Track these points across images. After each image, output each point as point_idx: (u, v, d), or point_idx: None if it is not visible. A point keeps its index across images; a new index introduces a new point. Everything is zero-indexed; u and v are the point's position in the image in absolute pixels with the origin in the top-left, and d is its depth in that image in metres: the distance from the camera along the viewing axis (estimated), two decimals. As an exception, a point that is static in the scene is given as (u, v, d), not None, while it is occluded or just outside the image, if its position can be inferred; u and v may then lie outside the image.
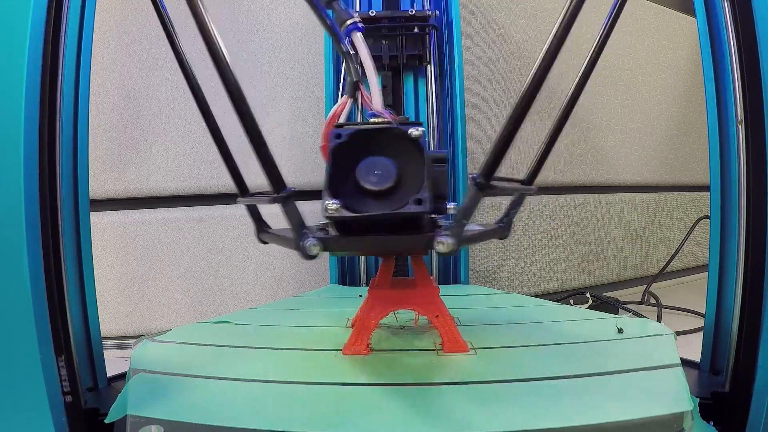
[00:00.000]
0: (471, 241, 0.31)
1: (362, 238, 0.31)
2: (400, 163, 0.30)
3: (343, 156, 0.30)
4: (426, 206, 0.29)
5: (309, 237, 0.29)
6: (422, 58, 0.66)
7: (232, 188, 0.81)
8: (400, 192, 0.30)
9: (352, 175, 0.30)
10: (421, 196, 0.29)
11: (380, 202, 0.30)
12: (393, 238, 0.30)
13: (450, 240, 0.28)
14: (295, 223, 0.29)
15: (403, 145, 0.31)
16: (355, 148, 0.30)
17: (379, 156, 0.30)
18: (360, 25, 0.36)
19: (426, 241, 0.29)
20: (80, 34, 0.40)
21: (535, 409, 0.30)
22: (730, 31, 0.39)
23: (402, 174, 0.30)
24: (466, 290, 0.60)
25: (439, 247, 0.28)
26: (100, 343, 0.42)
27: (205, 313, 0.75)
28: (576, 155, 0.92)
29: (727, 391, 0.38)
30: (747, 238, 0.38)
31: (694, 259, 1.09)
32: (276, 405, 0.31)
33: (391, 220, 0.30)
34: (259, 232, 0.36)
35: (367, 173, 0.30)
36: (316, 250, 0.29)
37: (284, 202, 0.29)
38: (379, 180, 0.30)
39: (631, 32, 0.99)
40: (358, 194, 0.30)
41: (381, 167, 0.30)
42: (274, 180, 0.29)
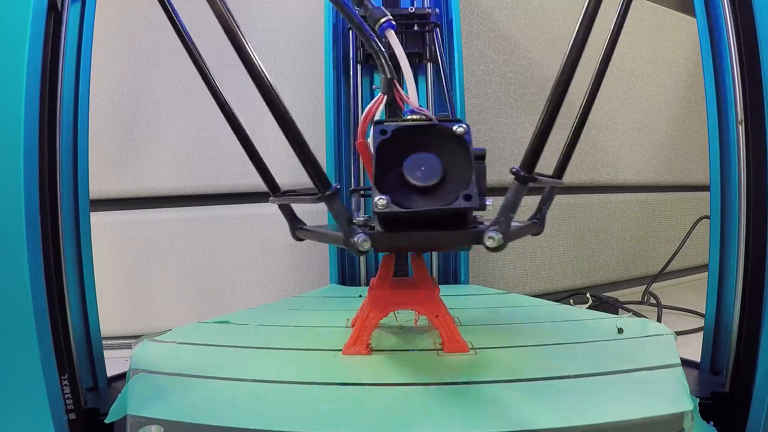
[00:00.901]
0: (514, 237, 0.31)
1: (410, 234, 0.31)
2: (445, 159, 0.30)
3: (387, 152, 0.31)
4: (475, 202, 0.29)
5: (359, 233, 0.29)
6: (422, 56, 0.66)
7: (232, 188, 0.82)
8: (446, 188, 0.30)
9: (397, 171, 0.30)
10: (470, 192, 0.29)
11: (426, 197, 0.30)
12: (441, 233, 0.31)
13: (498, 235, 0.28)
14: (344, 220, 0.29)
15: (447, 141, 0.31)
16: (400, 144, 0.31)
17: (425, 152, 0.30)
18: (393, 23, 0.36)
19: (475, 237, 0.29)
20: (80, 35, 0.40)
21: (535, 409, 0.30)
22: (730, 31, 0.39)
23: (447, 170, 0.30)
24: (466, 290, 0.60)
25: (489, 242, 0.28)
26: (100, 343, 0.42)
27: (205, 313, 0.75)
28: (576, 155, 0.92)
29: (727, 391, 0.38)
30: (747, 238, 0.38)
31: (694, 259, 1.09)
32: (276, 405, 0.31)
33: (439, 216, 0.30)
34: (295, 229, 0.36)
35: (413, 169, 0.30)
36: (367, 245, 0.29)
37: (330, 200, 0.29)
38: (425, 176, 0.30)
39: (631, 32, 0.99)
40: (405, 190, 0.30)
41: (427, 163, 0.30)
42: (318, 179, 0.29)
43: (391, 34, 0.36)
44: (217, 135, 0.74)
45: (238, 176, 0.74)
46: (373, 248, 0.30)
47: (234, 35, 0.29)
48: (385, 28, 0.36)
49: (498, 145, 0.84)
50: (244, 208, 0.75)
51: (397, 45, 0.36)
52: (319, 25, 0.71)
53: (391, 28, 0.36)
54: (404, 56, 0.36)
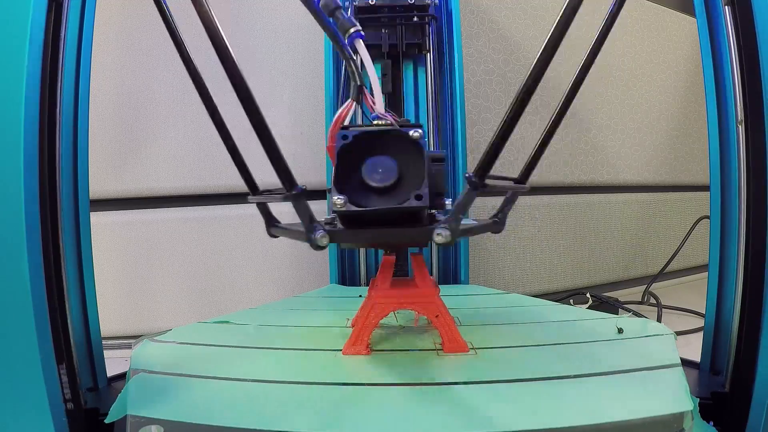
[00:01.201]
0: (466, 234, 0.34)
1: (366, 231, 0.33)
2: (401, 162, 0.33)
3: (349, 155, 0.33)
4: (425, 201, 0.31)
5: (318, 229, 0.31)
6: (422, 47, 0.66)
7: (232, 188, 0.82)
8: (402, 189, 0.32)
9: (357, 173, 0.33)
10: (421, 192, 0.31)
11: (383, 197, 0.32)
12: (395, 230, 0.33)
13: (447, 232, 0.31)
14: (306, 218, 0.31)
15: (404, 145, 0.33)
16: (360, 148, 0.33)
17: (382, 155, 0.33)
18: (362, 33, 0.39)
19: (426, 234, 0.32)
20: (80, 35, 0.40)
21: (535, 409, 0.30)
22: (730, 31, 0.39)
23: (403, 172, 0.33)
24: (466, 290, 0.60)
25: (438, 238, 0.31)
26: (100, 343, 0.42)
27: (205, 313, 0.75)
28: (576, 155, 0.92)
29: (727, 391, 0.38)
30: (747, 238, 0.38)
31: (694, 259, 1.09)
32: (276, 405, 0.31)
33: (393, 214, 0.32)
34: (270, 227, 0.38)
35: (371, 171, 0.32)
36: (325, 241, 0.31)
37: (295, 200, 0.31)
38: (382, 177, 0.32)
39: (631, 32, 0.99)
40: (363, 190, 0.32)
41: (384, 166, 0.33)
42: (285, 179, 0.31)
43: (360, 44, 0.38)
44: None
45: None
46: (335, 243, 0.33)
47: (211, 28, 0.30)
48: (354, 38, 0.38)
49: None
50: (244, 208, 0.75)
51: (365, 54, 0.38)
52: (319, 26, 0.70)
53: (359, 38, 0.38)
54: (371, 66, 0.38)
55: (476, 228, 0.36)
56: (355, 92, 0.40)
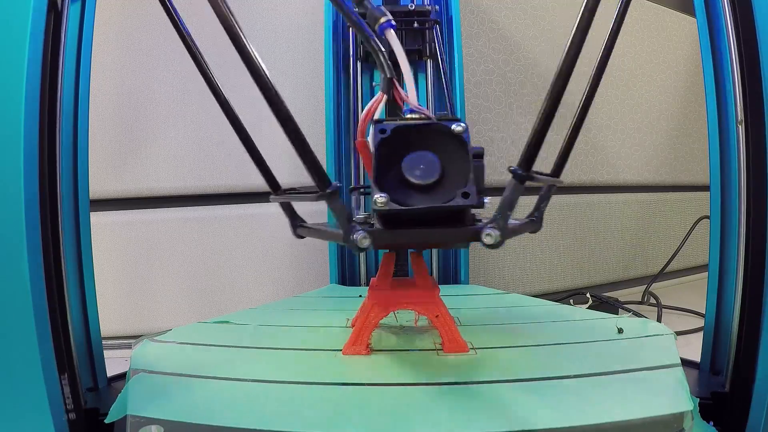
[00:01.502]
0: (513, 234, 0.32)
1: (409, 231, 0.31)
2: (443, 157, 0.31)
3: (387, 151, 0.31)
4: (473, 199, 0.29)
5: (359, 230, 0.29)
6: (422, 53, 0.66)
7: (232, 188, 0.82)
8: (445, 186, 0.30)
9: (396, 170, 0.31)
10: (468, 190, 0.29)
11: (425, 195, 0.30)
12: (440, 230, 0.31)
13: (496, 232, 0.29)
14: (344, 218, 0.30)
15: (445, 140, 0.31)
16: (399, 142, 0.31)
17: (424, 150, 0.31)
18: (393, 23, 0.36)
19: (472, 234, 0.30)
20: (80, 35, 0.40)
21: (535, 409, 0.30)
22: (730, 31, 0.39)
23: (446, 168, 0.31)
24: (466, 290, 0.60)
25: (487, 239, 0.29)
26: (100, 343, 0.42)
27: (205, 313, 0.75)
28: (576, 155, 0.92)
29: (727, 391, 0.38)
30: (747, 238, 0.38)
31: (694, 259, 1.09)
32: (276, 405, 0.31)
33: (438, 214, 0.30)
34: (295, 227, 0.36)
35: (412, 167, 0.30)
36: (366, 242, 0.29)
37: (330, 198, 0.30)
38: (424, 174, 0.30)
39: (631, 32, 0.99)
40: (404, 188, 0.30)
41: (426, 162, 0.30)
42: (318, 176, 0.29)
43: (390, 34, 0.36)
44: (217, 135, 0.74)
45: (238, 176, 0.74)
46: (373, 245, 0.30)
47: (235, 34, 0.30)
48: (384, 27, 0.36)
49: (498, 145, 0.84)
50: (244, 208, 0.75)
51: (397, 44, 0.36)
52: (319, 26, 0.71)
53: (390, 28, 0.36)
54: (404, 55, 0.36)
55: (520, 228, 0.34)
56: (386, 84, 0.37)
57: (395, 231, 0.31)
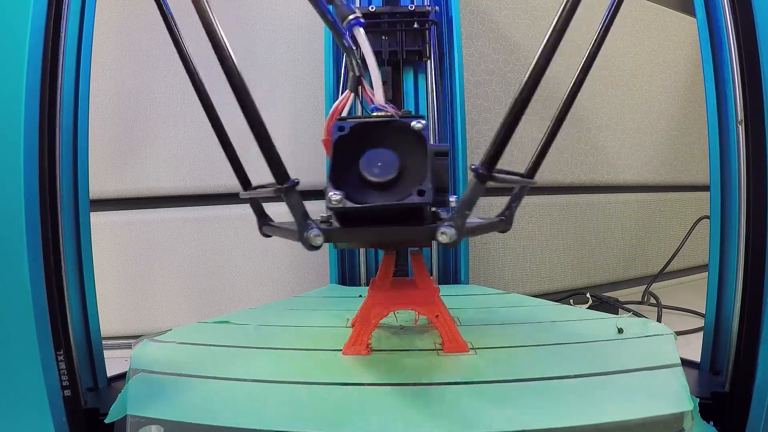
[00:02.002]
0: (472, 233, 0.31)
1: (364, 229, 0.31)
2: (402, 155, 0.30)
3: (345, 148, 0.31)
4: (428, 197, 0.29)
5: (312, 228, 0.29)
6: (422, 54, 0.66)
7: (232, 188, 0.81)
8: (403, 184, 0.30)
9: (355, 167, 0.30)
10: (423, 188, 0.29)
11: (383, 193, 0.30)
12: (395, 229, 0.30)
13: (452, 231, 0.28)
14: (299, 215, 0.29)
15: (405, 137, 0.31)
16: (358, 140, 0.31)
17: (382, 148, 0.31)
18: (361, 20, 0.36)
19: (429, 232, 0.29)
20: (80, 34, 0.40)
21: (535, 409, 0.30)
22: (730, 31, 0.39)
23: (404, 166, 0.30)
24: (466, 290, 0.60)
25: (442, 237, 0.28)
26: (100, 343, 0.42)
27: (205, 313, 0.75)
28: (576, 155, 0.92)
29: (727, 391, 0.38)
30: (747, 238, 0.38)
31: (694, 259, 1.09)
32: (276, 405, 0.31)
33: (393, 211, 0.30)
34: (262, 225, 0.36)
35: (369, 165, 0.30)
36: (319, 240, 0.29)
37: (287, 194, 0.29)
38: (382, 171, 0.30)
39: (631, 32, 0.99)
40: (361, 186, 0.30)
41: (383, 159, 0.30)
42: (277, 171, 0.29)
43: (359, 32, 0.36)
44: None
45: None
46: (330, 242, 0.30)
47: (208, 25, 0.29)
48: (353, 25, 0.36)
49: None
50: (244, 208, 0.75)
51: (365, 43, 0.35)
52: (319, 26, 0.70)
53: (358, 26, 0.36)
54: (371, 54, 0.35)
55: (483, 227, 0.34)
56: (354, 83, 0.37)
57: (350, 229, 0.31)
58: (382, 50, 0.64)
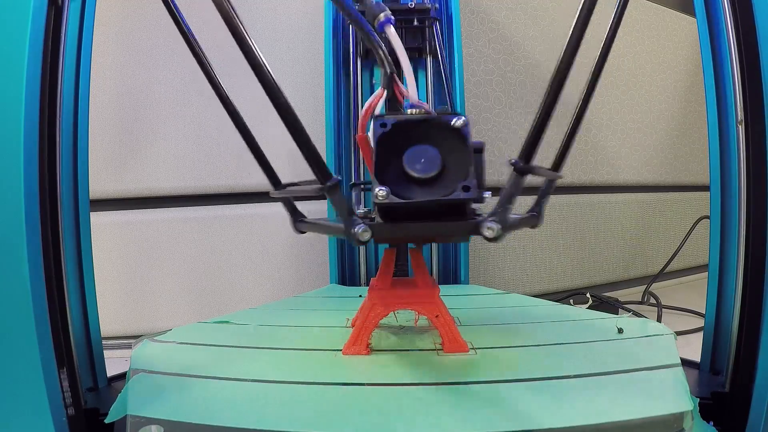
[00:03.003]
0: (512, 228, 0.32)
1: (409, 225, 0.31)
2: (444, 151, 0.31)
3: (387, 145, 0.31)
4: (473, 193, 0.29)
5: (359, 223, 0.30)
6: (422, 51, 0.66)
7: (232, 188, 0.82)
8: (445, 180, 0.30)
9: (397, 163, 0.31)
10: (468, 183, 0.29)
11: (425, 189, 0.30)
12: (441, 224, 0.31)
13: (497, 225, 0.29)
14: (345, 211, 0.30)
15: (445, 134, 0.31)
16: (400, 137, 0.31)
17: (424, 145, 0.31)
18: (392, 19, 0.36)
19: (473, 227, 0.30)
20: (80, 34, 0.40)
21: (535, 409, 0.30)
22: (730, 31, 0.39)
23: (446, 162, 0.31)
24: (466, 290, 0.60)
25: (488, 232, 0.29)
26: (100, 343, 0.42)
27: (205, 313, 0.75)
28: (576, 155, 0.92)
29: (727, 391, 0.38)
30: (747, 238, 0.38)
31: (694, 259, 1.09)
32: (276, 405, 0.31)
33: (438, 207, 0.30)
34: (296, 222, 0.36)
35: (413, 161, 0.30)
36: (366, 235, 0.29)
37: (331, 191, 0.30)
38: (425, 168, 0.30)
39: (631, 32, 0.99)
40: (404, 182, 0.30)
41: (426, 155, 0.30)
42: (319, 170, 0.29)
43: (390, 30, 0.36)
44: (217, 135, 0.74)
45: (238, 176, 0.74)
46: (373, 239, 0.30)
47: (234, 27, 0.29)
48: (384, 23, 0.36)
49: (498, 145, 0.84)
50: (244, 208, 0.75)
51: (397, 41, 0.36)
52: (319, 26, 0.71)
53: (389, 24, 0.36)
54: (404, 52, 0.36)
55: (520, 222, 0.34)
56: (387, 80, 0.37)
57: (395, 224, 0.31)
58: None
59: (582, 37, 0.29)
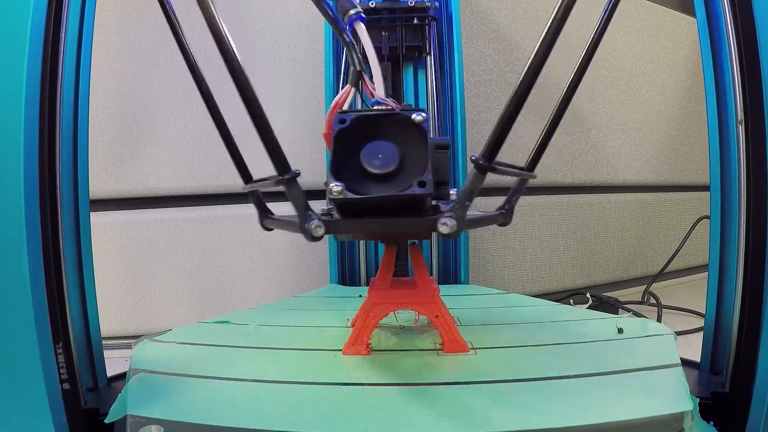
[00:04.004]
0: (472, 225, 0.31)
1: (365, 221, 0.31)
2: (403, 147, 0.31)
3: (347, 141, 0.31)
4: (429, 188, 0.29)
5: (313, 219, 0.29)
6: (422, 50, 0.66)
7: (232, 188, 0.82)
8: (404, 176, 0.30)
9: (356, 160, 0.30)
10: (424, 179, 0.29)
11: (384, 185, 0.30)
12: (396, 220, 0.31)
13: (452, 221, 0.28)
14: (300, 206, 0.30)
15: (406, 130, 0.31)
16: (359, 133, 0.31)
17: (383, 141, 0.31)
18: (362, 15, 0.36)
19: (429, 223, 0.29)
20: (80, 34, 0.40)
21: (535, 409, 0.30)
22: (730, 31, 0.39)
23: (405, 158, 0.31)
24: (466, 290, 0.60)
25: (443, 228, 0.28)
26: (100, 343, 0.42)
27: (205, 313, 0.75)
28: (576, 155, 0.92)
29: (727, 391, 0.38)
30: (747, 238, 0.38)
31: (694, 259, 1.09)
32: (276, 405, 0.31)
33: (394, 203, 0.30)
34: (263, 218, 0.37)
35: (370, 157, 0.30)
36: (320, 231, 0.29)
37: (288, 184, 0.29)
38: (383, 163, 0.30)
39: (631, 32, 0.99)
40: (362, 178, 0.30)
41: (384, 151, 0.30)
42: (278, 162, 0.29)
43: (360, 27, 0.36)
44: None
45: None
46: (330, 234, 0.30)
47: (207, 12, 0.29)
48: (353, 20, 0.36)
49: (498, 145, 0.84)
50: (244, 208, 0.75)
51: (366, 38, 0.36)
52: (319, 26, 0.71)
53: (359, 20, 0.36)
54: (372, 49, 0.36)
55: (483, 219, 0.34)
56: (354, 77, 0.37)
57: (350, 220, 0.31)
58: (381, 46, 0.64)
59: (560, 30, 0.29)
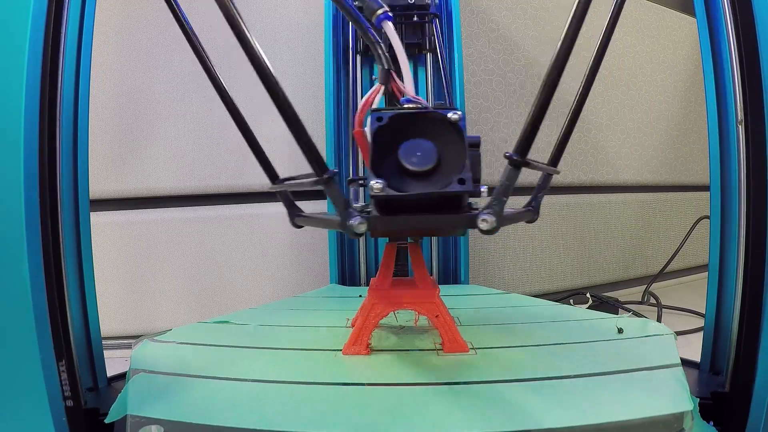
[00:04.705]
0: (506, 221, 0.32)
1: (405, 217, 0.31)
2: (439, 145, 0.31)
3: (384, 138, 0.31)
4: (469, 186, 0.30)
5: (356, 216, 0.30)
6: (422, 47, 0.66)
7: (232, 188, 0.82)
8: (440, 173, 0.31)
9: (392, 157, 0.31)
10: (464, 176, 0.30)
11: (421, 182, 0.30)
12: (437, 216, 0.31)
13: (492, 218, 0.29)
14: (341, 203, 0.30)
15: (441, 128, 0.31)
16: (396, 130, 0.31)
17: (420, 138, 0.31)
18: (390, 14, 0.37)
19: (468, 220, 0.30)
20: (80, 34, 0.40)
21: (535, 409, 0.30)
22: (730, 31, 0.39)
23: (442, 156, 0.31)
24: (466, 290, 0.60)
25: (483, 224, 0.29)
26: (100, 343, 0.42)
27: (205, 313, 0.75)
28: (576, 155, 0.92)
29: (727, 391, 0.38)
30: (747, 238, 0.38)
31: (694, 259, 1.09)
32: (276, 405, 0.31)
33: (433, 200, 0.31)
34: (293, 216, 0.37)
35: (408, 154, 0.31)
36: (363, 228, 0.30)
37: (328, 184, 0.30)
38: (421, 161, 0.30)
39: (631, 32, 0.99)
40: (400, 175, 0.31)
41: (422, 149, 0.31)
42: (316, 163, 0.30)
43: (388, 26, 0.37)
44: (217, 135, 0.74)
45: (237, 176, 0.74)
46: (370, 231, 0.31)
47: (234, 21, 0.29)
48: (382, 19, 0.37)
49: (498, 145, 0.84)
50: (244, 208, 0.75)
51: (395, 37, 0.36)
52: (319, 25, 0.71)
53: (388, 20, 0.36)
54: (401, 48, 0.36)
55: (515, 216, 0.34)
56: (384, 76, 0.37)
57: (391, 217, 0.31)
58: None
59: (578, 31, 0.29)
